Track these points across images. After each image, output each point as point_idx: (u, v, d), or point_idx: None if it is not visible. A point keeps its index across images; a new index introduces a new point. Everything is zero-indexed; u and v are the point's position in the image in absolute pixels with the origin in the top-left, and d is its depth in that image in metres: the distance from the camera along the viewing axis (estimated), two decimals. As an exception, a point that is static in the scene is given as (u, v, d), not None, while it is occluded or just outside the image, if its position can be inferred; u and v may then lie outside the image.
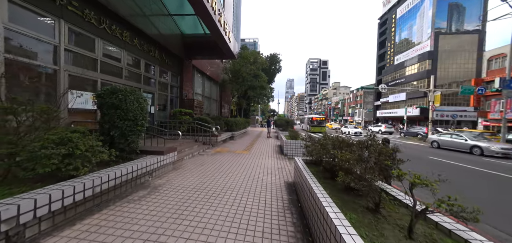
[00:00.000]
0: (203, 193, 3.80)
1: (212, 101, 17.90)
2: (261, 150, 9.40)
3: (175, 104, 11.49)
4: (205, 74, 15.42)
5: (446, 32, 43.18)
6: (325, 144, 3.92)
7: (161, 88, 9.99)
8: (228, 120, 12.78)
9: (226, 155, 7.69)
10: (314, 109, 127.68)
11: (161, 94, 10.01)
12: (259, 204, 3.47)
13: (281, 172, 5.78)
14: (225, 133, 11.66)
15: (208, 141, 9.27)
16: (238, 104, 21.17)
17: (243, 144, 11.05)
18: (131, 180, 3.61)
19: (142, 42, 8.25)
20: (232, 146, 10.19)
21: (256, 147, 10.19)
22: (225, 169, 5.60)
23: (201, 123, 9.36)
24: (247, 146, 10.38)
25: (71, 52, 5.36)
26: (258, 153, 8.69)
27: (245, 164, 6.44)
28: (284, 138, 9.42)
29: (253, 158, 7.44)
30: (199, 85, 14.89)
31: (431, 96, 20.08)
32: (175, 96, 11.44)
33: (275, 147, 10.68)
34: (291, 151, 8.61)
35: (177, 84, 11.53)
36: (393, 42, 57.86)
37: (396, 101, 53.67)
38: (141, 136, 4.31)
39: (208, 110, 16.89)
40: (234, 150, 8.82)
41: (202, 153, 7.66)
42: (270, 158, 7.81)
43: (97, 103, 3.75)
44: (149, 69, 9.05)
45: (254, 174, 5.31)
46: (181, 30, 10.97)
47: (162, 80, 10.07)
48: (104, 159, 3.25)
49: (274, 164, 6.76)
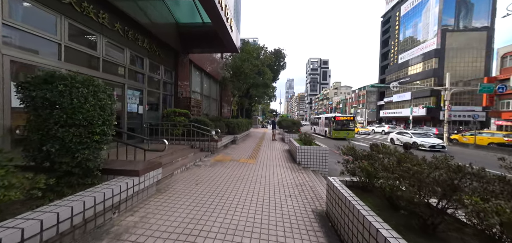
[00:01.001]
0: (197, 240, 2.38)
1: (212, 100, 16.46)
2: (269, 158, 7.97)
3: (169, 103, 10.05)
4: (204, 71, 13.98)
5: (453, 29, 41.85)
6: (388, 165, 2.46)
7: (152, 85, 8.55)
8: (230, 121, 11.35)
9: (229, 165, 6.25)
10: (314, 109, 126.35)
11: (152, 91, 8.57)
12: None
13: (303, 191, 4.35)
14: (226, 136, 10.23)
15: (207, 147, 7.83)
16: (240, 103, 19.72)
17: (247, 150, 9.61)
18: (74, 228, 2.18)
19: (127, 29, 6.81)
20: (235, 152, 8.74)
21: (262, 154, 8.75)
22: (229, 190, 4.16)
23: (199, 125, 7.93)
24: (252, 152, 8.94)
25: (16, 30, 3.91)
26: (266, 161, 7.25)
27: (254, 179, 5.00)
28: (296, 143, 7.99)
29: (262, 169, 6.00)
30: (197, 83, 13.45)
31: (447, 95, 18.69)
32: (169, 94, 9.99)
33: (284, 153, 9.25)
34: (307, 159, 7.19)
35: (171, 80, 10.08)
36: (397, 40, 56.52)
37: (400, 100, 52.31)
38: (104, 147, 2.85)
39: (207, 110, 15.45)
40: (238, 159, 7.37)
41: (198, 164, 6.21)
42: (282, 168, 6.37)
43: (21, 98, 2.31)
44: (136, 61, 7.61)
45: (269, 197, 3.87)
46: (175, 18, 9.53)
47: (153, 75, 8.63)
48: (19, 198, 1.81)
49: (290, 178, 5.33)
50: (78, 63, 5.18)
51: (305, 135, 8.76)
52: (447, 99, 18.73)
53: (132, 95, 7.28)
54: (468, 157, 11.79)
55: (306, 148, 7.26)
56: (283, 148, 10.95)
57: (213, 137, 7.81)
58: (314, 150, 7.19)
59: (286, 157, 8.29)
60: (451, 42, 41.57)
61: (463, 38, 41.32)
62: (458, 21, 41.85)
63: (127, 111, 6.94)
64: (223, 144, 8.85)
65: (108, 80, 6.07)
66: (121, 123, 6.81)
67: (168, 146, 4.04)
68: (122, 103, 6.81)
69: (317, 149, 7.19)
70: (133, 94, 7.31)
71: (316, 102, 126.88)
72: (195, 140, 7.80)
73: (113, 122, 2.96)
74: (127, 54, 6.93)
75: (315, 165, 7.16)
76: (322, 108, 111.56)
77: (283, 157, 8.23)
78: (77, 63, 5.15)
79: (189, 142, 7.83)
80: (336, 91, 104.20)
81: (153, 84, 8.68)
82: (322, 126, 24.14)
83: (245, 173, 5.48)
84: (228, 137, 10.05)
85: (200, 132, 7.80)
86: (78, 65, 5.14)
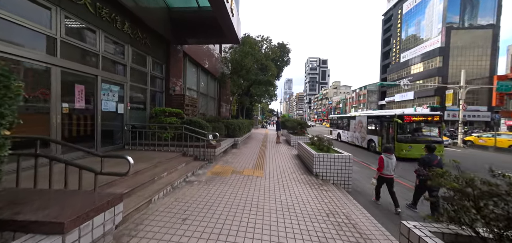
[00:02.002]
0: None
1: (209, 99, 15.00)
2: (280, 167, 6.56)
3: (159, 101, 8.60)
4: (201, 66, 12.53)
5: (458, 27, 40.79)
6: None
7: (136, 79, 7.09)
8: (230, 123, 9.92)
9: (230, 181, 4.83)
10: (314, 109, 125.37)
11: (136, 87, 7.11)
12: None
13: (340, 227, 2.95)
14: (226, 140, 8.81)
15: (203, 155, 6.39)
16: (240, 102, 18.21)
17: (251, 156, 8.19)
18: None
19: (100, 5, 5.34)
20: (237, 160, 7.32)
21: (270, 162, 7.34)
22: (233, 229, 2.74)
23: (193, 128, 6.48)
24: (257, 160, 7.52)
25: None
26: (277, 173, 5.84)
27: (267, 206, 3.59)
28: (310, 149, 6.60)
29: (274, 187, 4.60)
30: (193, 79, 12.00)
31: (462, 93, 17.45)
32: (158, 90, 8.54)
33: (294, 160, 7.85)
34: (326, 170, 5.80)
35: (161, 74, 8.62)
36: (399, 39, 55.45)
37: (402, 100, 51.28)
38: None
39: (204, 110, 14.00)
40: (241, 170, 5.95)
41: (191, 179, 4.78)
42: (298, 184, 4.97)
43: None
44: (114, 48, 6.14)
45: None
46: (165, 1, 8.07)
47: (138, 67, 7.17)
48: None
49: (313, 201, 3.92)
50: (20, 42, 3.71)
51: (318, 138, 7.37)
52: (462, 98, 17.50)
53: (109, 91, 5.82)
54: (501, 163, 10.48)
55: (325, 156, 5.87)
56: (290, 153, 9.56)
57: (210, 142, 6.38)
58: (335, 159, 5.80)
59: (298, 166, 6.89)
60: (456, 40, 40.53)
61: (468, 36, 40.30)
62: (463, 19, 40.82)
63: (100, 110, 5.48)
64: (222, 149, 7.42)
65: (71, 70, 4.60)
66: (93, 126, 5.34)
67: (128, 173, 2.51)
68: (93, 100, 5.35)
69: (338, 157, 5.80)
70: (110, 89, 5.84)
71: (315, 102, 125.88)
72: (188, 146, 6.36)
73: (12, 123, 1.53)
74: (100, 38, 5.46)
75: (337, 178, 5.78)
76: (321, 108, 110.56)
77: (294, 166, 6.83)
78: (19, 42, 3.69)
79: (182, 148, 6.38)
80: (335, 90, 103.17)
81: (138, 78, 7.22)
82: (359, 132, 14.58)
83: (253, 195, 4.06)
84: (228, 141, 8.63)
85: (194, 136, 6.36)
86: (19, 46, 3.68)
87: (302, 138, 11.67)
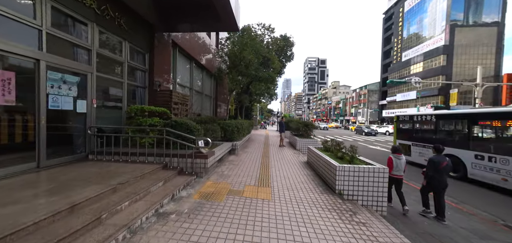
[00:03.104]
0: None
1: (205, 98, 13.51)
2: (290, 182, 5.10)
3: (140, 98, 7.09)
4: (195, 60, 11.03)
5: (462, 25, 39.75)
6: None
7: (107, 68, 5.58)
8: (227, 124, 8.42)
9: (225, 211, 3.35)
10: (313, 109, 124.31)
11: (107, 79, 5.60)
12: None
13: None
14: (222, 145, 7.34)
15: (190, 167, 4.89)
16: (238, 101, 16.65)
17: (252, 165, 6.71)
18: None
19: (45, -37, 3.83)
20: (235, 172, 5.83)
21: (276, 173, 5.88)
22: None
23: (178, 132, 4.99)
24: (261, 171, 6.06)
25: None
26: (288, 192, 4.38)
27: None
28: (330, 159, 5.16)
29: (288, 217, 3.15)
30: (185, 74, 10.50)
31: (478, 91, 16.17)
32: (140, 85, 7.03)
33: (305, 170, 6.38)
34: (353, 188, 4.37)
35: (143, 66, 7.12)
36: (400, 37, 54.41)
37: (404, 100, 50.22)
38: None
39: (198, 110, 12.50)
40: (241, 189, 4.46)
41: (167, 209, 3.28)
42: (322, 210, 3.52)
43: None
44: (68, 23, 4.63)
45: None
46: (147, -26, 6.59)
47: (110, 54, 5.66)
48: None
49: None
50: None
51: (335, 143, 5.94)
52: (478, 96, 16.21)
53: (61, 82, 4.30)
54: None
55: (351, 170, 4.43)
56: (298, 159, 8.10)
57: (200, 151, 4.89)
58: (365, 173, 4.36)
59: (312, 179, 5.43)
60: (460, 38, 39.49)
61: (472, 34, 39.28)
62: (467, 16, 39.78)
63: (45, 108, 3.96)
64: (216, 158, 5.92)
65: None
66: (34, 130, 3.83)
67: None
68: (36, 93, 3.84)
69: (369, 171, 4.37)
70: (62, 80, 4.33)
71: (314, 102, 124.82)
72: (171, 156, 4.86)
73: None
74: (45, 8, 3.94)
75: (367, 197, 4.36)
76: (320, 108, 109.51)
77: (308, 179, 5.37)
78: None
79: (163, 158, 4.88)
80: (334, 90, 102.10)
81: (109, 68, 5.71)
82: None
83: (262, 236, 2.59)
84: (223, 147, 7.15)
85: (179, 142, 4.87)
86: None
87: (310, 142, 10.23)
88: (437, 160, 4.24)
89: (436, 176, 4.19)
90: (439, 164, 4.17)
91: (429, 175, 4.27)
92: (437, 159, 4.26)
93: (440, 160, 4.23)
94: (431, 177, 4.25)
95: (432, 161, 4.29)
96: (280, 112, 52.16)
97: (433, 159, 4.31)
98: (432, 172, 4.23)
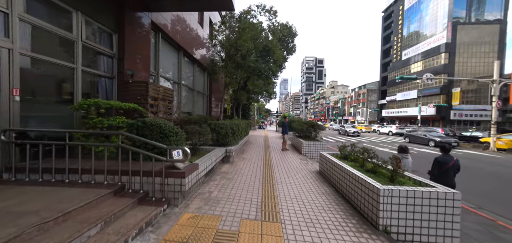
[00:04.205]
0: None
1: (197, 95, 11.90)
2: (307, 208, 3.55)
3: (106, 91, 5.46)
4: (184, 50, 9.42)
5: (464, 22, 38.87)
6: None
7: (43, 46, 3.94)
8: (220, 126, 6.79)
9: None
10: (311, 109, 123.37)
11: (45, 62, 3.96)
12: None
13: None
14: (211, 152, 5.74)
15: (160, 190, 3.27)
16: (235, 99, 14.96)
17: (251, 182, 5.14)
18: None
19: None
20: (227, 194, 4.24)
21: (285, 193, 4.33)
22: None
23: (145, 139, 3.39)
24: (264, 190, 4.49)
25: None
26: (309, 232, 2.82)
27: None
28: (366, 178, 3.64)
29: None
30: (171, 65, 8.88)
31: (495, 89, 14.92)
32: (105, 74, 5.39)
33: (322, 185, 4.84)
34: (407, 221, 2.85)
35: (110, 49, 5.48)
36: (400, 36, 53.48)
37: (405, 99, 49.27)
38: None
39: (189, 108, 10.88)
40: (235, 228, 2.89)
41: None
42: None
43: None
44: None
45: None
46: None
47: (47, 26, 4.01)
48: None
49: None
50: None
51: (364, 150, 4.43)
52: (495, 93, 14.96)
53: None
54: None
55: (402, 194, 2.92)
56: (308, 168, 6.56)
57: (174, 164, 3.29)
58: (423, 201, 2.86)
59: (334, 200, 3.90)
60: (462, 36, 38.62)
61: (474, 32, 38.45)
62: (469, 13, 38.93)
63: None
64: (200, 173, 4.28)
65: None
66: None
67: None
68: None
69: (432, 197, 2.86)
70: None
71: (312, 102, 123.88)
72: (130, 174, 3.24)
73: None
74: None
75: (428, 234, 2.86)
76: (318, 108, 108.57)
77: (328, 201, 3.83)
78: None
79: (119, 176, 3.26)
80: (332, 90, 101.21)
81: (48, 46, 4.06)
82: None
83: None
84: (214, 154, 5.56)
85: (143, 153, 3.26)
86: None
87: (318, 145, 8.71)
88: (442, 160, 4.05)
89: (442, 177, 3.89)
90: (445, 164, 3.99)
91: (435, 174, 4.07)
92: (442, 159, 4.06)
93: (446, 159, 4.04)
94: (437, 177, 3.95)
95: (437, 161, 4.10)
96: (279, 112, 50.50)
97: (438, 158, 4.11)
98: (437, 172, 4.02)
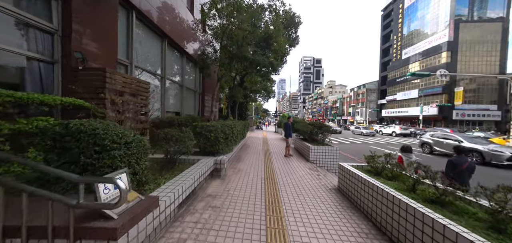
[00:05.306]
0: None
1: (187, 92, 10.34)
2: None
3: (45, 80, 3.88)
4: (168, 38, 7.86)
5: (467, 20, 38.01)
6: None
7: None
8: (207, 128, 5.20)
9: None
10: (308, 109, 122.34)
11: None
12: None
13: None
14: (191, 168, 4.22)
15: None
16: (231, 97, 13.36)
17: (248, 214, 3.61)
18: None
19: None
20: None
21: (302, 237, 2.79)
22: None
23: (31, 163, 1.85)
24: (267, 233, 2.95)
25: None
26: None
27: None
28: (451, 224, 2.14)
29: None
30: (150, 53, 7.30)
31: (515, 86, 13.67)
32: (43, 57, 3.81)
33: (351, 215, 3.33)
34: None
35: (48, 22, 3.90)
36: (400, 34, 52.60)
37: (405, 99, 48.36)
38: None
39: (176, 106, 9.33)
40: None
41: None
42: None
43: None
44: None
45: None
46: None
47: None
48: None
49: None
50: None
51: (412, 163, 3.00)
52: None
53: None
54: None
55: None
56: (321, 182, 5.05)
57: (99, 210, 1.74)
58: None
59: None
60: (464, 34, 37.75)
61: (477, 30, 37.61)
62: (472, 11, 38.08)
63: None
64: (165, 212, 2.73)
65: None
66: None
67: None
68: None
69: None
70: None
71: (310, 102, 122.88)
72: (2, 236, 1.70)
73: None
74: None
75: None
76: (316, 107, 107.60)
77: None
78: None
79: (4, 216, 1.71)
80: (330, 90, 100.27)
81: None
82: None
83: None
84: (194, 172, 4.04)
85: (32, 191, 1.71)
86: None
87: (328, 150, 7.23)
88: (457, 162, 3.86)
89: (456, 179, 3.35)
90: (459, 165, 3.80)
91: (450, 176, 3.60)
92: (457, 161, 3.88)
93: (461, 161, 3.86)
94: (452, 179, 3.32)
95: (450, 162, 3.92)
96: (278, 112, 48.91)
97: (452, 160, 3.94)
98: (451, 173, 3.75)
